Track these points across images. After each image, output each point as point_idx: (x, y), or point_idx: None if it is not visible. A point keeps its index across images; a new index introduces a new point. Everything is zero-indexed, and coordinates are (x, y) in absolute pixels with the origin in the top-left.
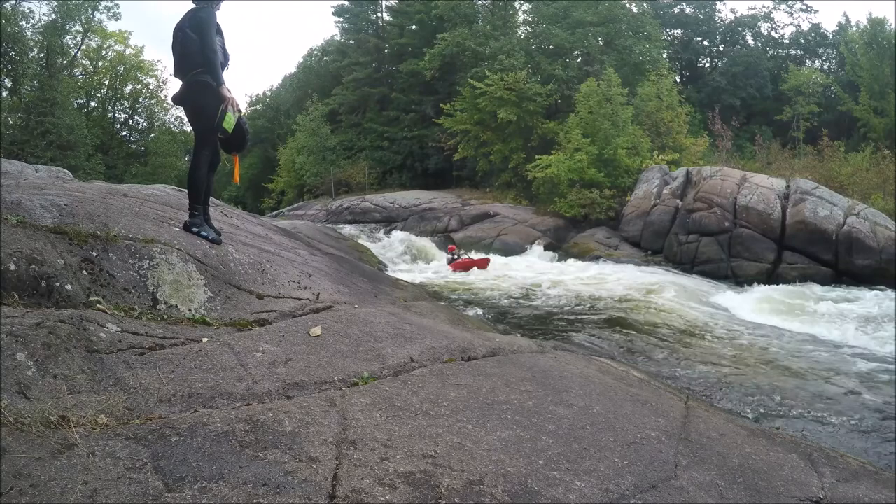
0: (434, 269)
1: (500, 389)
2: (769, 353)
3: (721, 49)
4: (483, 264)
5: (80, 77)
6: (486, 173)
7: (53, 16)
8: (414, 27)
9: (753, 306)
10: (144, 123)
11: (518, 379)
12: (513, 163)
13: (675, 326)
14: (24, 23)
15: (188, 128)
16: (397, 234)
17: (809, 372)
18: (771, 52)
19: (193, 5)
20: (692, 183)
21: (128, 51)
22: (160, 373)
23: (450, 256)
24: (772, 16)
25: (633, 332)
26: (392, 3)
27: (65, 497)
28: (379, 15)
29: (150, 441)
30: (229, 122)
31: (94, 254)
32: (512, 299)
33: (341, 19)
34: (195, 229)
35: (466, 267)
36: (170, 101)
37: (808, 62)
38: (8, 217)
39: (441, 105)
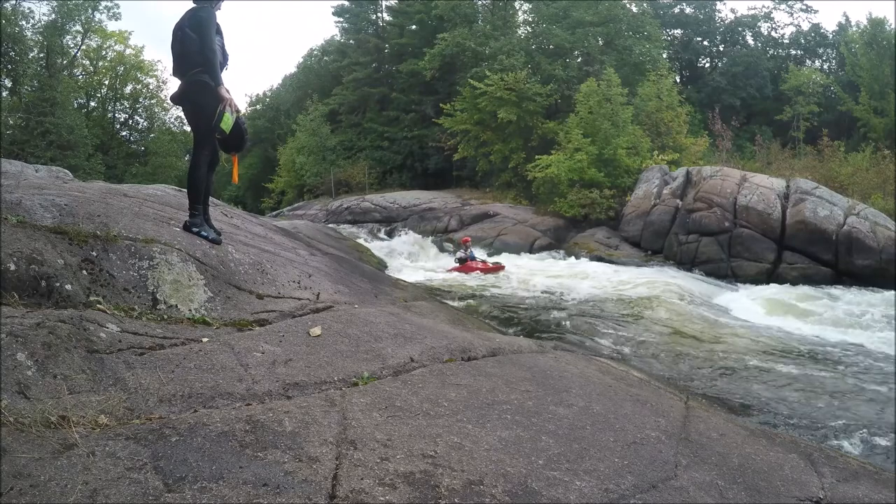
0: (434, 268)
1: (500, 389)
2: (769, 353)
3: (721, 49)
4: (498, 269)
5: (80, 77)
6: (486, 173)
7: (53, 16)
8: (414, 27)
9: (753, 306)
10: (144, 123)
11: (518, 379)
12: (513, 163)
13: (676, 326)
14: (24, 23)
15: (188, 128)
16: (401, 237)
17: (809, 372)
18: (771, 52)
19: (193, 5)
20: (692, 183)
21: (128, 51)
22: (160, 373)
23: (462, 254)
24: (772, 16)
25: (634, 332)
26: (392, 3)
27: (65, 497)
28: (379, 15)
29: (150, 441)
30: (227, 122)
31: (94, 254)
32: (512, 299)
33: (341, 19)
34: (195, 229)
35: (484, 271)
36: (169, 100)
37: (808, 62)
38: (8, 217)
39: (441, 105)
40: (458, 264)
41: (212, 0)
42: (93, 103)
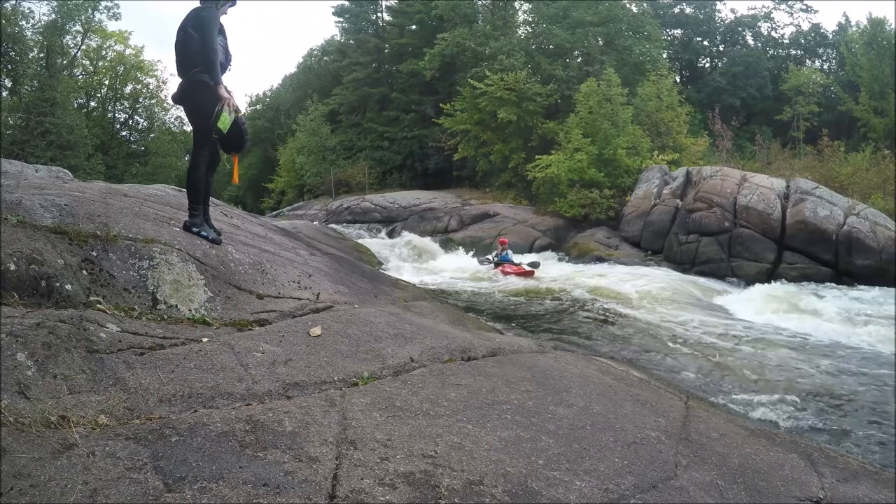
0: (436, 269)
1: (500, 389)
2: (769, 353)
3: (721, 49)
4: (529, 274)
5: (80, 77)
6: (486, 173)
7: (53, 16)
8: (414, 27)
9: (753, 306)
10: (144, 123)
11: (518, 379)
12: (513, 163)
13: (676, 326)
14: (24, 23)
15: (188, 128)
16: (404, 235)
17: (809, 372)
18: (771, 52)
19: (196, 4)
20: (692, 183)
21: (128, 51)
22: (160, 373)
23: (496, 256)
24: (772, 16)
25: (634, 332)
26: (392, 3)
27: (65, 497)
28: (379, 15)
29: (150, 441)
30: (224, 122)
31: (94, 254)
32: (512, 299)
33: (341, 19)
34: (195, 229)
35: (521, 274)
36: (170, 100)
37: (808, 62)
38: (8, 217)
39: (441, 105)
40: (493, 264)
41: (216, 0)
42: (93, 103)
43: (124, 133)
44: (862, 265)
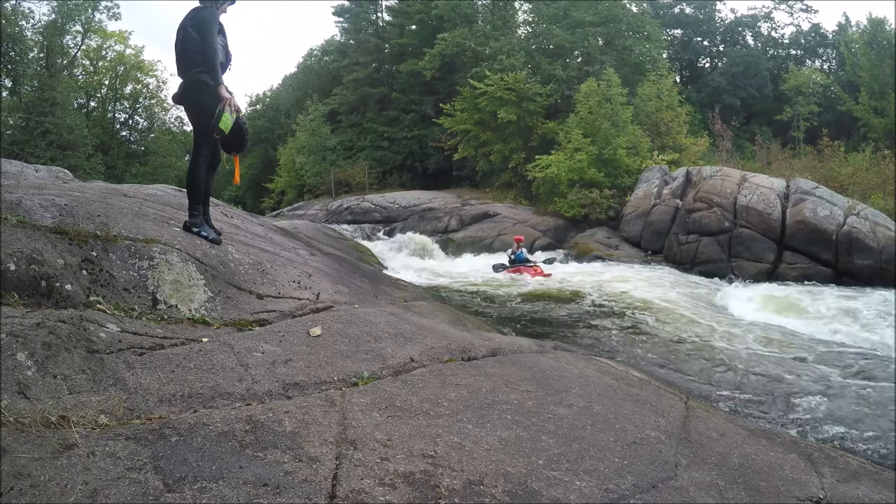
0: (437, 269)
1: (500, 389)
2: (769, 353)
3: (721, 49)
4: (546, 276)
5: (80, 77)
6: (486, 173)
7: (53, 16)
8: (414, 27)
9: (753, 306)
10: (144, 123)
11: (518, 379)
12: (513, 163)
13: (676, 326)
14: (24, 23)
15: (188, 128)
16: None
17: (809, 372)
18: (771, 52)
19: (196, 4)
20: (692, 183)
21: (128, 51)
22: (160, 373)
23: (512, 254)
24: (772, 16)
25: (633, 332)
26: (392, 3)
27: (65, 497)
28: (379, 15)
29: (150, 441)
30: (226, 122)
31: (94, 254)
32: (512, 299)
33: (341, 19)
34: (195, 229)
35: (539, 276)
36: (170, 100)
37: (808, 62)
38: (8, 217)
39: (441, 105)
40: (509, 265)
41: (216, 0)
42: (93, 103)
43: (124, 133)
44: (862, 265)
